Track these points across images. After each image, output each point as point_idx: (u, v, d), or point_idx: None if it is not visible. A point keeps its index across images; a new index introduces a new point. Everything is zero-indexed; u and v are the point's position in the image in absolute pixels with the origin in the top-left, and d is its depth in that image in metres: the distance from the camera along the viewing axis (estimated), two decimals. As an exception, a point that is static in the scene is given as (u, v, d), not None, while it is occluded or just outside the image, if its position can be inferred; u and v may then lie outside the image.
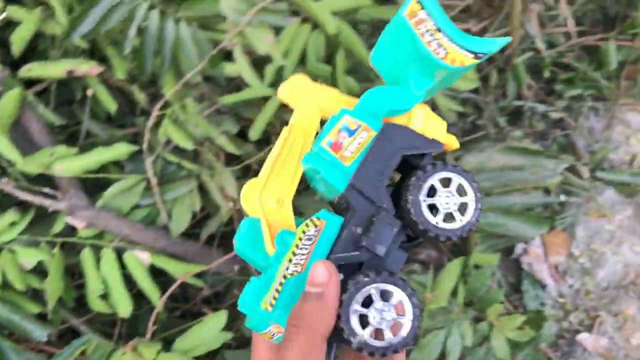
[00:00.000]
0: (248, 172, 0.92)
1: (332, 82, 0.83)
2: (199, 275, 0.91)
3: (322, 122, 0.43)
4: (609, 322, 1.11)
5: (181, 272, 0.88)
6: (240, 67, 0.76)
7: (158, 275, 0.89)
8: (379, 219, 0.39)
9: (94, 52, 0.92)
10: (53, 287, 0.81)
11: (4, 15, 0.81)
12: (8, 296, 0.82)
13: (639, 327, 1.09)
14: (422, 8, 0.40)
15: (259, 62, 0.85)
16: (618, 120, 1.34)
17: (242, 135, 0.90)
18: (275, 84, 0.86)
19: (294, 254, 0.39)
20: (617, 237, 1.21)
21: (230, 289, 0.99)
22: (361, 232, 0.39)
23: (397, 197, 0.41)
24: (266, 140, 0.90)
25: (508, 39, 0.41)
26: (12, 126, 0.83)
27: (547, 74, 1.33)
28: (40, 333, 0.81)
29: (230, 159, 0.91)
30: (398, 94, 0.42)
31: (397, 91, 0.42)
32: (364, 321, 0.37)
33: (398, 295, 0.37)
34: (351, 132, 0.40)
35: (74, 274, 0.90)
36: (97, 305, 0.84)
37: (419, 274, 0.89)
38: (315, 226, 0.39)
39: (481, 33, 1.29)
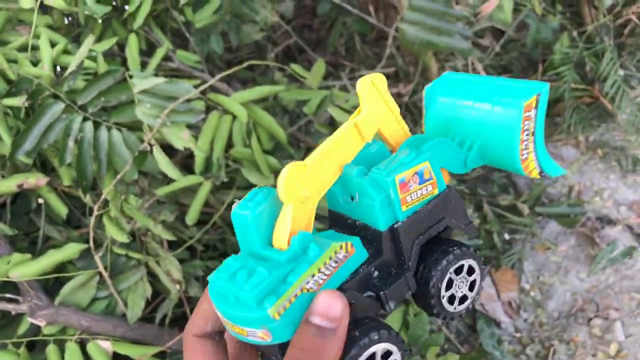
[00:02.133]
0: (194, 253, 1.00)
1: (254, 162, 0.92)
2: (161, 357, 0.97)
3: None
4: (562, 351, 1.15)
5: (142, 355, 0.95)
6: (160, 163, 0.86)
7: (121, 361, 0.96)
8: (403, 277, 0.38)
9: (44, 163, 1.01)
10: (20, 385, 0.87)
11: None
12: (-21, 399, 0.89)
13: (589, 352, 1.13)
14: (536, 106, 0.39)
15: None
16: (553, 155, 1.43)
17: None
18: (205, 171, 0.95)
19: (319, 271, 0.36)
20: (564, 267, 1.27)
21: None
22: (376, 278, 0.38)
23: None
24: (205, 222, 0.98)
25: (565, 172, 0.43)
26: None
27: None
28: None
29: (175, 243, 0.99)
30: (457, 158, 0.41)
31: (458, 155, 0.41)
32: None
33: (396, 355, 0.37)
34: (422, 181, 0.39)
35: (41, 370, 0.96)
36: (63, 396, 0.90)
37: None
38: (346, 251, 0.37)
39: (412, 94, 1.39)
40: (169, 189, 0.92)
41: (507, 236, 1.28)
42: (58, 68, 1.00)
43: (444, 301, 0.40)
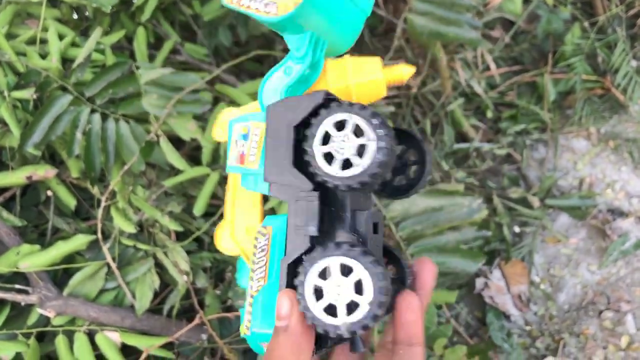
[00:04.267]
0: (201, 244, 1.00)
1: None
2: (169, 348, 0.98)
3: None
4: (572, 343, 1.14)
5: (150, 346, 0.95)
6: (167, 154, 0.86)
7: (129, 352, 0.96)
8: (296, 201, 0.37)
9: (53, 156, 1.02)
10: (29, 375, 0.88)
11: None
12: (-11, 389, 0.89)
13: (600, 345, 1.12)
14: None
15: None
16: (564, 147, 1.41)
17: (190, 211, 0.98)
18: (213, 162, 0.95)
19: (253, 271, 0.37)
20: (574, 259, 1.25)
21: (202, 357, 1.05)
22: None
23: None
24: (212, 213, 0.98)
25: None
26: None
27: (490, 114, 1.41)
28: (19, 422, 0.88)
29: (183, 234, 0.99)
30: (286, 67, 0.40)
31: (284, 64, 0.40)
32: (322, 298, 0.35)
33: (358, 272, 0.34)
34: (245, 137, 0.39)
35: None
36: (72, 386, 0.91)
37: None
38: (264, 235, 0.37)
39: (422, 86, 1.39)
40: (176, 180, 0.92)
41: (517, 229, 1.27)
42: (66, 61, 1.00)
43: (320, 160, 0.36)
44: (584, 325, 1.16)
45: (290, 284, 0.36)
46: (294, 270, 0.36)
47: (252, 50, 1.07)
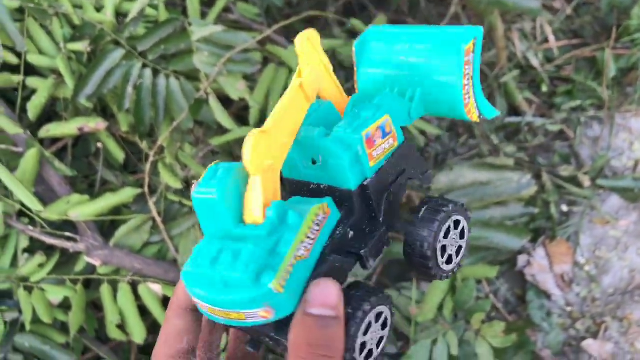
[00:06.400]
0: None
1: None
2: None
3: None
4: (615, 328, 1.12)
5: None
6: (215, 113, 0.86)
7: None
8: (378, 233, 0.37)
9: (105, 109, 1.04)
10: (75, 319, 0.91)
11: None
12: (39, 329, 0.93)
13: (643, 330, 1.09)
14: (474, 50, 0.38)
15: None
16: (621, 127, 1.36)
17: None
18: (260, 123, 0.95)
19: (306, 237, 0.34)
20: (623, 242, 1.22)
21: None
22: (352, 237, 0.37)
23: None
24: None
25: (498, 113, 0.42)
26: (38, 180, 0.96)
27: (545, 88, 1.37)
28: (67, 360, 0.92)
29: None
30: (401, 110, 0.40)
31: (402, 106, 0.40)
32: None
33: (386, 313, 0.36)
34: (384, 135, 0.38)
35: (95, 307, 1.00)
36: (115, 333, 0.94)
37: (407, 289, 0.95)
38: (324, 213, 0.36)
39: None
40: (224, 139, 0.92)
41: (565, 208, 1.24)
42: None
43: (441, 261, 0.39)
44: (628, 310, 1.13)
45: None
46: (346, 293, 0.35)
47: (303, 12, 1.06)
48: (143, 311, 0.95)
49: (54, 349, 0.92)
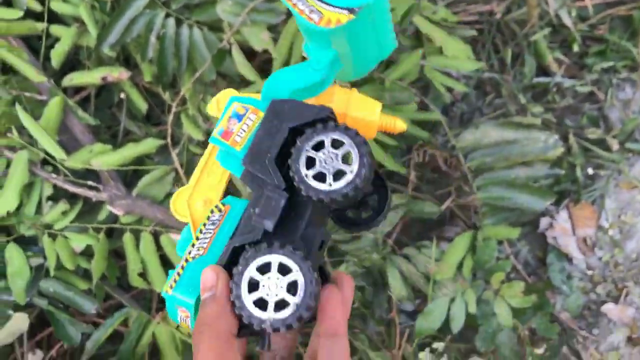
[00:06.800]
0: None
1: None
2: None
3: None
4: (636, 293, 1.11)
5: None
6: (238, 63, 0.85)
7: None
8: (264, 193, 0.39)
9: (128, 59, 1.03)
10: (97, 266, 0.93)
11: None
12: (62, 275, 0.95)
13: (666, 296, 1.08)
14: None
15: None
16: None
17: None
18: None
19: (197, 239, 0.40)
20: (649, 208, 1.20)
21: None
22: (256, 212, 0.39)
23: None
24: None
25: (395, 45, 0.44)
26: (61, 129, 0.96)
27: (576, 48, 1.33)
28: (89, 306, 0.94)
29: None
30: (300, 72, 0.42)
31: (299, 69, 0.42)
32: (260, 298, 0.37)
33: (295, 274, 0.37)
34: (240, 117, 0.41)
35: (117, 255, 1.02)
36: (136, 281, 0.95)
37: (427, 247, 0.94)
38: (220, 211, 0.41)
39: (506, 13, 1.31)
40: (247, 91, 0.91)
41: (590, 171, 1.21)
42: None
43: (311, 180, 0.38)
44: (651, 275, 1.12)
45: (228, 268, 0.39)
46: (235, 256, 0.39)
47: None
48: (165, 261, 0.97)
49: (77, 294, 0.94)
